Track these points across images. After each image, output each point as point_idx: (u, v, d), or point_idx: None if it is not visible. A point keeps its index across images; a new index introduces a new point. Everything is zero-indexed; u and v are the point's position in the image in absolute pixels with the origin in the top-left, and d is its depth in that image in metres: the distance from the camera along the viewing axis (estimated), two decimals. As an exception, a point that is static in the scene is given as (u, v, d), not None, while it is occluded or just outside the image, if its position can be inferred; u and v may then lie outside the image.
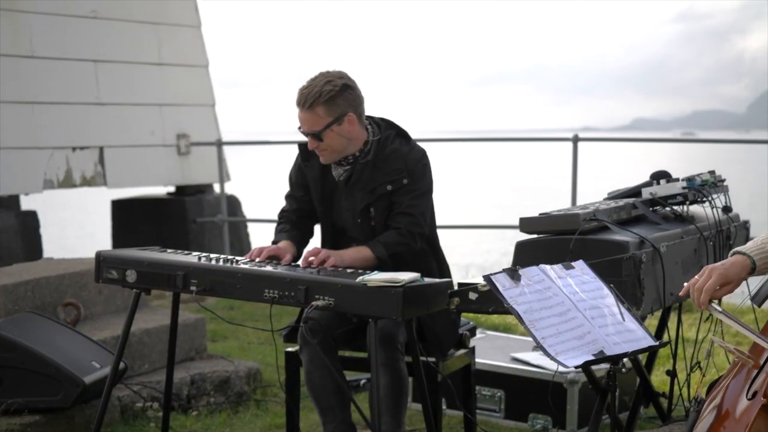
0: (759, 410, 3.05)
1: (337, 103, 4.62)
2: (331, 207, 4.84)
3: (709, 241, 4.78)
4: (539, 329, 3.42)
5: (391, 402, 4.53)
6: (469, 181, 46.00)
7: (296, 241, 4.86)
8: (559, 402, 5.50)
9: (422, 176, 4.75)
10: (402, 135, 4.83)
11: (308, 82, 4.67)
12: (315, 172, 4.82)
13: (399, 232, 4.67)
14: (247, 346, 7.58)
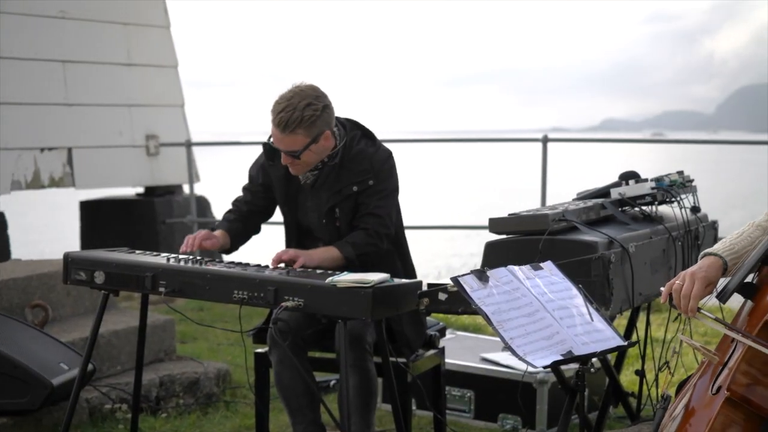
0: (722, 404, 3.08)
1: (317, 125, 4.61)
2: (296, 207, 4.84)
3: (677, 241, 4.80)
4: (507, 330, 3.42)
5: (360, 403, 4.53)
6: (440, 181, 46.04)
7: (234, 234, 4.92)
8: (528, 402, 5.51)
9: (388, 177, 4.77)
10: (368, 135, 4.84)
11: (285, 101, 4.60)
12: (280, 172, 4.82)
13: (367, 233, 4.68)
14: (216, 348, 7.56)
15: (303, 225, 4.86)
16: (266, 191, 4.92)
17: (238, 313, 4.31)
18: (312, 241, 4.82)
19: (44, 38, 9.92)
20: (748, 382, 3.07)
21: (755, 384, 3.07)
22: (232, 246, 4.93)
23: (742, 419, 3.07)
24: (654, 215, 4.88)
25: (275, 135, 4.64)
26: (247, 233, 4.99)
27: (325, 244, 4.74)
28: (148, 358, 6.13)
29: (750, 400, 3.06)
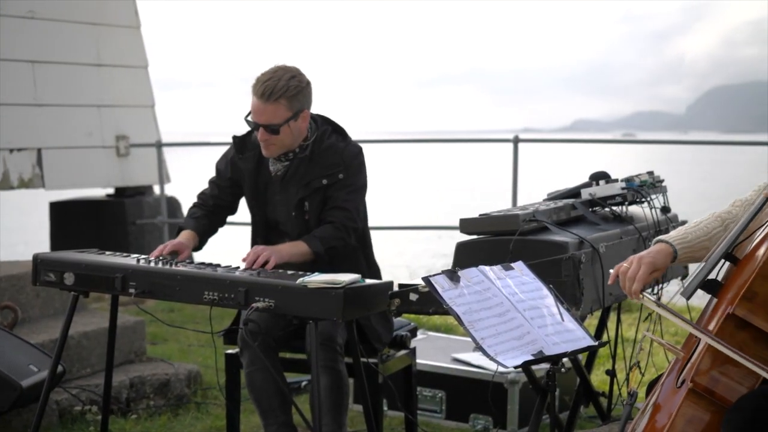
0: (686, 394, 3.14)
1: (299, 99, 4.66)
2: (265, 202, 4.85)
3: (647, 241, 4.81)
4: (478, 330, 3.42)
5: (331, 403, 4.53)
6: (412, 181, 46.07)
7: (201, 232, 4.92)
8: (499, 402, 5.52)
9: (358, 172, 4.79)
10: (338, 131, 4.87)
11: (269, 73, 4.66)
12: (250, 165, 4.82)
13: (334, 226, 4.69)
14: (187, 349, 7.54)
15: (271, 219, 4.87)
16: (233, 186, 4.93)
17: (208, 314, 4.30)
18: (279, 236, 4.83)
19: (13, 38, 9.85)
20: (712, 374, 3.13)
21: (718, 376, 3.13)
22: (200, 244, 4.93)
23: (704, 410, 3.13)
24: (624, 215, 4.89)
25: (256, 107, 4.64)
26: (213, 228, 5.01)
27: (292, 239, 4.74)
28: (118, 360, 6.10)
29: (713, 391, 3.13)
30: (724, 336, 3.15)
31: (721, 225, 3.58)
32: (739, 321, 3.13)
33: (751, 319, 3.12)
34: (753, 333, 3.13)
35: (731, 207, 3.64)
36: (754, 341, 3.14)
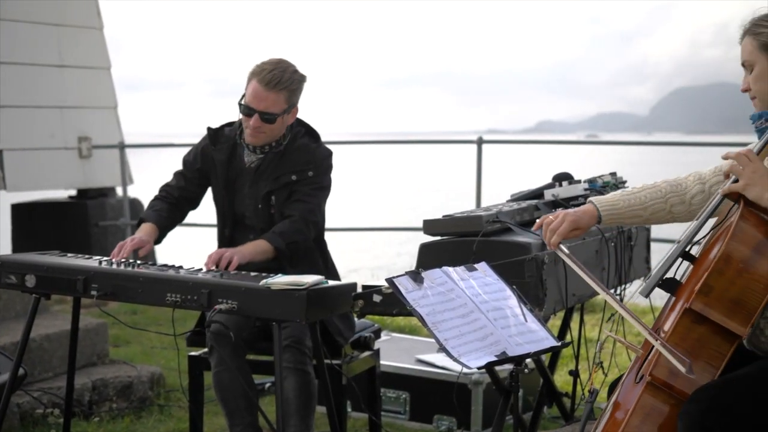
0: (644, 388, 3.17)
1: (296, 94, 4.78)
2: (234, 193, 4.86)
3: (610, 242, 4.83)
4: (442, 331, 3.42)
5: (300, 404, 4.52)
6: (376, 182, 46.07)
7: (162, 225, 4.92)
8: (463, 403, 5.53)
9: (325, 173, 4.85)
10: (311, 133, 4.91)
11: (274, 63, 4.73)
12: (223, 156, 4.85)
13: (292, 220, 4.70)
14: (150, 351, 7.51)
15: (237, 212, 4.87)
16: (201, 177, 4.94)
17: (171, 316, 4.28)
18: (243, 229, 4.84)
19: (-26, 39, 9.80)
20: (670, 367, 3.16)
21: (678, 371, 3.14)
22: (160, 237, 4.92)
23: (662, 402, 3.17)
24: (587, 216, 4.90)
25: (258, 93, 4.68)
26: (174, 223, 5.01)
27: (257, 234, 4.75)
28: (80, 362, 6.07)
29: (672, 385, 3.17)
30: (682, 330, 3.19)
31: (663, 198, 3.68)
32: (697, 315, 3.18)
33: (708, 314, 3.16)
34: (710, 327, 3.18)
35: (684, 178, 3.73)
36: (711, 335, 3.19)
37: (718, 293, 3.16)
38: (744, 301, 3.15)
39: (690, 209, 3.68)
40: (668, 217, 3.72)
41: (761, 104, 3.41)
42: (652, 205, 3.68)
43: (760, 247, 3.18)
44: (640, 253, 5.23)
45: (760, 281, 3.15)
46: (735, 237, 3.18)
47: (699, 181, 3.68)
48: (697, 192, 3.67)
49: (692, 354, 3.18)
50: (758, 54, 3.37)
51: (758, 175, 3.23)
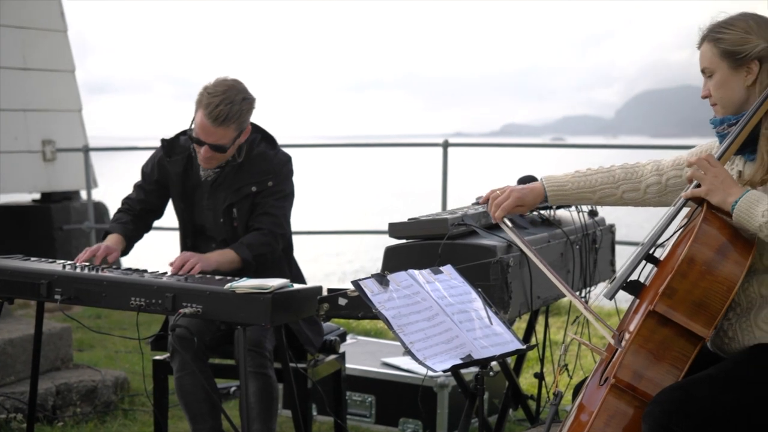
0: (608, 390, 3.19)
1: (246, 119, 4.68)
2: (192, 205, 4.82)
3: (575, 245, 4.84)
4: (407, 334, 3.42)
5: (261, 409, 4.51)
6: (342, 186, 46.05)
7: (128, 236, 4.89)
8: (429, 406, 5.52)
9: (286, 180, 4.81)
10: (268, 139, 4.86)
11: (221, 95, 4.59)
12: (178, 168, 4.80)
13: (262, 233, 4.68)
14: (114, 355, 7.47)
15: (197, 223, 4.84)
16: (160, 188, 4.91)
17: (136, 320, 4.26)
18: (206, 241, 4.81)
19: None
20: (634, 369, 3.20)
21: (640, 371, 3.20)
22: (126, 249, 4.89)
23: (626, 404, 3.19)
24: (552, 219, 4.91)
25: (206, 128, 4.59)
26: (139, 234, 4.99)
27: (218, 244, 4.72)
28: (44, 367, 6.03)
29: (635, 387, 3.19)
30: (646, 333, 3.21)
31: (614, 184, 3.75)
32: (661, 317, 3.20)
33: (672, 316, 3.18)
34: (674, 329, 3.20)
35: (643, 165, 3.77)
36: (676, 337, 3.21)
37: (681, 295, 3.18)
38: (707, 303, 3.18)
39: (644, 197, 3.74)
40: (619, 202, 3.79)
41: (723, 110, 3.42)
42: (602, 189, 3.75)
43: (723, 250, 3.21)
44: (605, 255, 5.25)
45: (723, 283, 3.18)
46: (698, 240, 3.20)
47: (657, 171, 3.71)
48: (653, 182, 3.71)
49: (656, 356, 3.20)
50: (718, 61, 3.37)
51: (719, 180, 3.24)
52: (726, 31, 3.36)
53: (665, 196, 3.71)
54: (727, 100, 3.39)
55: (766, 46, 3.32)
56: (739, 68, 3.35)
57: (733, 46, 3.34)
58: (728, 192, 3.23)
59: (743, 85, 3.36)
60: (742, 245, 3.23)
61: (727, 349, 3.37)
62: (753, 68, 3.34)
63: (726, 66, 3.36)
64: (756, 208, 3.18)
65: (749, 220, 3.19)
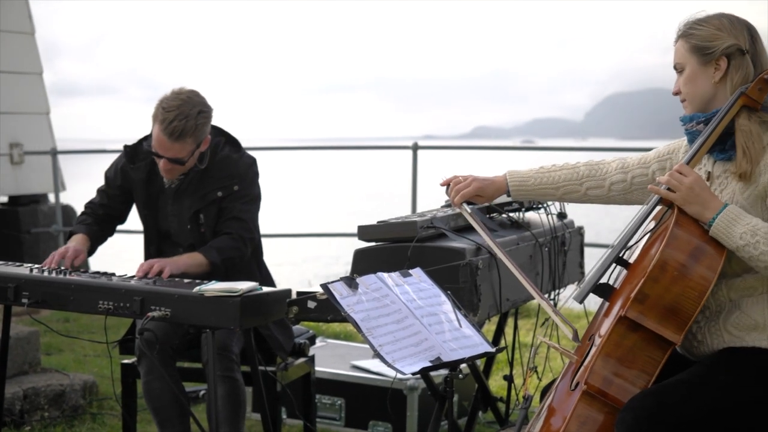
0: (580, 397, 3.18)
1: (203, 131, 4.65)
2: (156, 211, 4.81)
3: (544, 247, 4.85)
4: (376, 337, 3.42)
5: (229, 412, 4.50)
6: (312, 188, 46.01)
7: (93, 238, 4.88)
8: (398, 409, 5.52)
9: (252, 183, 4.80)
10: (231, 142, 4.85)
11: (176, 109, 4.57)
12: (141, 175, 4.78)
13: (231, 237, 4.67)
14: (83, 359, 7.44)
15: (162, 229, 4.83)
16: (123, 194, 4.89)
17: (106, 323, 4.25)
18: (171, 246, 4.80)
19: None
20: (605, 375, 3.18)
21: (611, 377, 3.18)
22: (91, 250, 4.88)
23: (597, 411, 3.17)
24: (521, 222, 4.92)
25: (162, 143, 4.58)
26: (103, 237, 4.99)
27: (185, 249, 4.71)
28: (11, 371, 5.99)
29: (606, 393, 3.17)
30: (616, 338, 3.20)
31: (578, 181, 3.76)
32: (631, 323, 3.19)
33: (643, 321, 3.17)
34: (645, 335, 3.19)
35: (608, 162, 3.76)
36: (646, 342, 3.20)
37: (653, 301, 3.17)
38: (678, 308, 3.17)
39: (608, 195, 3.74)
40: (583, 199, 3.80)
41: (691, 107, 3.43)
42: (565, 186, 3.77)
43: (695, 254, 3.20)
44: (574, 258, 5.26)
45: (695, 288, 3.17)
46: (670, 244, 3.19)
47: (622, 169, 3.71)
48: (618, 180, 3.71)
49: (627, 361, 3.19)
50: (689, 56, 3.39)
51: (695, 193, 3.24)
52: (698, 28, 3.38)
53: (630, 194, 3.70)
54: (695, 96, 3.40)
55: (735, 43, 3.33)
56: (707, 64, 3.37)
57: (702, 41, 3.36)
58: (705, 206, 3.23)
59: (711, 82, 3.38)
60: (714, 250, 3.22)
61: (696, 353, 3.38)
62: (721, 65, 3.35)
63: (695, 61, 3.38)
64: (734, 228, 3.18)
65: (727, 240, 3.19)
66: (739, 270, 3.31)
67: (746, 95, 3.31)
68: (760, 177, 3.27)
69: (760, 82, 3.31)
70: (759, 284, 3.31)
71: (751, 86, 3.31)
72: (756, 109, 3.32)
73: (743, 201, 3.30)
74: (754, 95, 3.31)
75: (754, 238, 3.17)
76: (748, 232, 3.17)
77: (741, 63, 3.35)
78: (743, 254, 3.19)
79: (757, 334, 3.28)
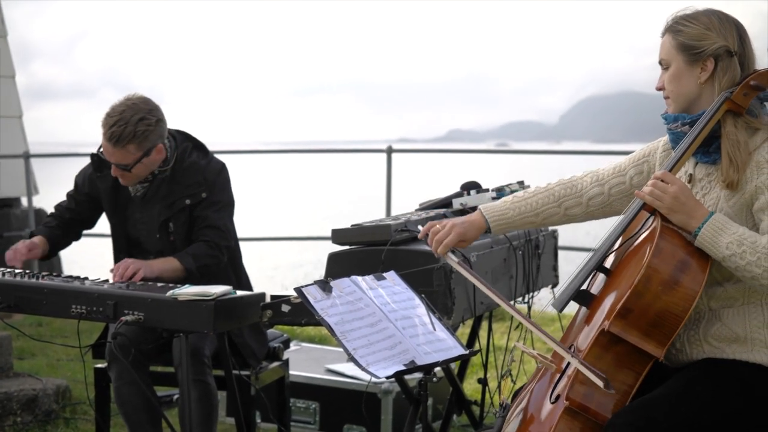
0: (562, 413, 3.11)
1: (149, 139, 4.61)
2: (125, 219, 4.80)
3: (518, 250, 4.86)
4: (350, 340, 3.41)
5: (201, 417, 4.48)
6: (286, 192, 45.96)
7: (54, 241, 4.89)
8: (373, 412, 5.52)
9: (222, 189, 4.77)
10: (199, 147, 4.83)
11: (117, 115, 4.57)
12: (108, 183, 4.78)
13: (208, 245, 4.66)
14: (55, 363, 7.40)
15: (132, 237, 4.82)
16: (91, 201, 4.88)
17: (80, 327, 4.23)
18: (141, 253, 4.78)
19: None
20: (586, 390, 3.12)
21: (592, 392, 3.11)
22: (51, 253, 4.87)
23: (580, 428, 3.11)
24: (495, 225, 4.92)
25: (106, 148, 4.60)
26: (67, 240, 4.98)
27: (155, 257, 4.69)
28: (-17, 376, 5.96)
29: (588, 408, 3.11)
30: (597, 351, 3.15)
31: (556, 202, 3.65)
32: (613, 336, 3.12)
33: (625, 336, 3.11)
34: (627, 348, 3.13)
35: (580, 178, 3.69)
36: (627, 355, 3.14)
37: (636, 315, 3.10)
38: (662, 323, 3.10)
39: (588, 210, 3.64)
40: (564, 220, 3.69)
41: (675, 105, 3.36)
42: (545, 210, 3.66)
43: (681, 267, 3.13)
44: (548, 261, 5.27)
45: (680, 303, 3.11)
46: (655, 257, 3.12)
47: (597, 182, 3.63)
48: (595, 194, 3.62)
49: (608, 374, 3.08)
50: (675, 54, 3.32)
51: (680, 202, 3.18)
52: (687, 24, 3.30)
53: (610, 206, 3.62)
54: (679, 95, 3.34)
55: (723, 44, 3.27)
56: (694, 63, 3.30)
57: (691, 40, 3.29)
58: (691, 215, 3.18)
59: (696, 82, 3.31)
60: (699, 262, 3.16)
61: (674, 360, 3.32)
62: (708, 66, 3.28)
63: (681, 59, 3.31)
64: (720, 237, 3.14)
65: (713, 250, 3.14)
66: (721, 279, 3.26)
67: (731, 100, 3.24)
68: (746, 185, 3.21)
69: (745, 88, 3.25)
70: (740, 295, 3.26)
71: (737, 91, 3.24)
72: (740, 113, 3.25)
73: (728, 209, 3.24)
74: (738, 100, 3.24)
75: (740, 248, 3.12)
76: (734, 242, 3.12)
77: (729, 65, 3.28)
78: (729, 264, 3.14)
79: (737, 346, 3.24)
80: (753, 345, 3.24)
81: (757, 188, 3.20)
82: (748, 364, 3.23)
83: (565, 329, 3.58)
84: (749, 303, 3.26)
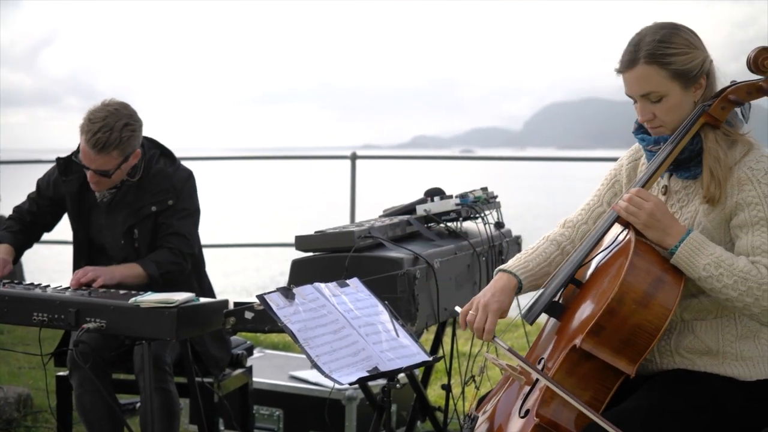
0: (532, 430, 3.07)
1: (131, 144, 4.61)
2: (89, 225, 4.78)
3: (482, 256, 4.86)
4: (314, 347, 3.41)
5: (163, 425, 4.46)
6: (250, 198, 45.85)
7: (18, 246, 4.87)
8: (337, 419, 5.51)
9: (190, 197, 4.76)
10: (166, 155, 4.82)
11: (101, 121, 4.54)
12: (73, 188, 4.75)
13: (171, 252, 4.64)
14: (17, 371, 7.35)
15: (96, 242, 4.80)
16: (53, 205, 4.87)
17: (43, 335, 4.20)
18: (105, 259, 4.77)
19: None
20: (556, 406, 3.09)
21: (561, 407, 3.08)
22: (16, 259, 4.85)
23: None
24: (459, 231, 4.93)
25: (88, 155, 4.55)
26: (29, 244, 4.99)
27: (119, 264, 4.67)
28: (-56, 384, 5.91)
29: (558, 424, 3.07)
30: (568, 366, 3.11)
31: (558, 249, 3.57)
32: (584, 353, 3.09)
33: (597, 353, 3.08)
34: (597, 364, 3.11)
35: (562, 229, 3.63)
36: (598, 371, 3.11)
37: (608, 333, 3.06)
38: (634, 341, 3.07)
39: None
40: None
41: (669, 130, 3.26)
42: (554, 259, 3.55)
43: (655, 284, 3.09)
44: (512, 267, 5.27)
45: (653, 321, 3.07)
46: (629, 275, 3.08)
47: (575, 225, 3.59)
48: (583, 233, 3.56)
49: (578, 389, 3.08)
50: (670, 83, 3.20)
51: (656, 219, 3.14)
52: (671, 50, 3.19)
53: None
54: (676, 120, 3.25)
55: (707, 56, 3.24)
56: (690, 87, 3.23)
57: (683, 65, 3.19)
58: (666, 232, 3.14)
59: (692, 101, 3.25)
60: (673, 279, 3.13)
61: (642, 370, 3.29)
62: (702, 83, 3.24)
63: (679, 87, 3.21)
64: (697, 258, 3.10)
65: (689, 270, 3.11)
66: (695, 291, 3.22)
67: (708, 114, 3.21)
68: (727, 200, 3.18)
69: (723, 101, 3.21)
70: (713, 307, 3.24)
71: (714, 105, 3.20)
72: (717, 126, 3.22)
73: (707, 223, 3.22)
74: (716, 114, 3.21)
75: (717, 270, 3.08)
76: (711, 264, 3.09)
77: (714, 73, 3.26)
78: (705, 285, 3.10)
79: (708, 359, 3.23)
80: (724, 358, 3.23)
81: (738, 204, 3.17)
82: (719, 376, 3.21)
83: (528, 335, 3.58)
84: (722, 316, 3.25)
